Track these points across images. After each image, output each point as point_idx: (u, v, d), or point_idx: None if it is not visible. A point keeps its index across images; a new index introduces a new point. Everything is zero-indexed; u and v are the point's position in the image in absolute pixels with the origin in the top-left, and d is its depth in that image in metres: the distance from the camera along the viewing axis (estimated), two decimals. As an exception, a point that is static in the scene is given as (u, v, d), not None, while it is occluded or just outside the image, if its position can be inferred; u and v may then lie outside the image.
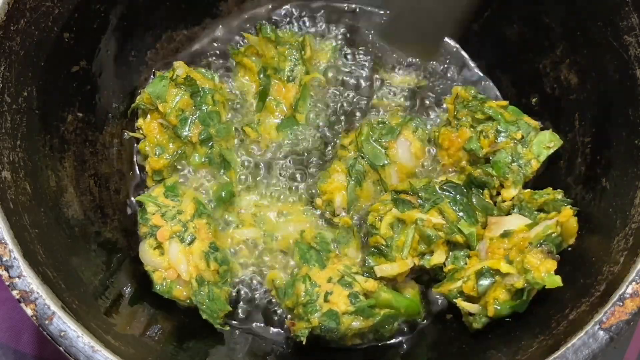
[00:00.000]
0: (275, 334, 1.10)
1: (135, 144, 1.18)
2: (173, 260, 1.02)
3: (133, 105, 1.13)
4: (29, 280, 0.79)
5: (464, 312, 0.98)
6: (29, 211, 0.88)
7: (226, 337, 1.07)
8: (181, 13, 1.20)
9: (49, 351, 1.17)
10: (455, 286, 0.98)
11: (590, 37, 1.00)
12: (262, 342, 1.08)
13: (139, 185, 1.17)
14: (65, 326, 0.78)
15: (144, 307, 1.02)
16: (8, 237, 0.81)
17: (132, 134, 1.17)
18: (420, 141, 1.12)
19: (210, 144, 1.11)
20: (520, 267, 0.92)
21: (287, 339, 1.09)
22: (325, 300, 0.98)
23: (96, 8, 1.04)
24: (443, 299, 1.07)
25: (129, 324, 0.95)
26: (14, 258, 0.80)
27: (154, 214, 1.05)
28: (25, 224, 0.86)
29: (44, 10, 0.94)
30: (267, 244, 1.11)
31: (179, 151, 1.11)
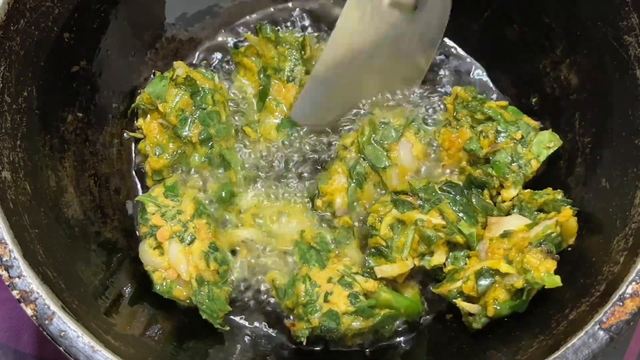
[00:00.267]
0: (275, 334, 1.09)
1: (135, 144, 1.18)
2: (173, 260, 1.02)
3: (133, 105, 1.13)
4: (29, 280, 0.79)
5: (463, 312, 0.98)
6: (29, 211, 0.88)
7: (226, 337, 1.07)
8: (181, 13, 1.20)
9: (49, 351, 1.17)
10: (455, 286, 0.98)
11: (590, 37, 1.00)
12: (262, 342, 1.08)
13: (139, 185, 1.17)
14: (65, 326, 0.78)
15: (144, 307, 1.02)
16: (8, 237, 0.81)
17: (132, 134, 1.17)
18: (422, 143, 1.12)
19: (210, 144, 1.11)
20: (520, 267, 0.92)
21: (287, 339, 1.09)
22: (325, 301, 0.98)
23: (96, 8, 1.04)
24: (443, 298, 1.07)
25: (129, 324, 0.95)
26: (14, 258, 0.80)
27: (154, 214, 1.05)
28: (25, 224, 0.86)
29: (44, 10, 0.94)
30: (267, 244, 1.11)
31: (179, 151, 1.11)
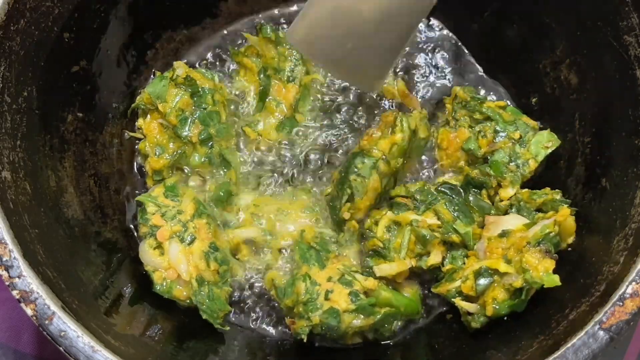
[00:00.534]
0: (275, 334, 1.09)
1: (135, 144, 1.18)
2: (173, 260, 1.02)
3: (133, 105, 1.13)
4: (29, 280, 0.79)
5: (462, 311, 0.99)
6: (29, 211, 0.88)
7: (226, 337, 1.07)
8: (181, 13, 1.20)
9: (49, 351, 1.17)
10: (453, 286, 0.98)
11: (590, 37, 1.00)
12: (262, 342, 1.08)
13: (139, 185, 1.17)
14: (65, 326, 0.78)
15: (144, 307, 1.02)
16: (8, 237, 0.81)
17: (132, 134, 1.17)
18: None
19: (210, 144, 1.11)
20: (519, 266, 0.93)
21: (287, 338, 1.09)
22: (326, 299, 0.98)
23: (96, 8, 1.04)
24: (443, 298, 1.07)
25: (129, 324, 0.95)
26: (14, 258, 0.80)
27: (154, 214, 1.05)
28: (25, 224, 0.86)
29: (44, 10, 0.94)
30: (266, 244, 1.11)
31: (179, 151, 1.11)
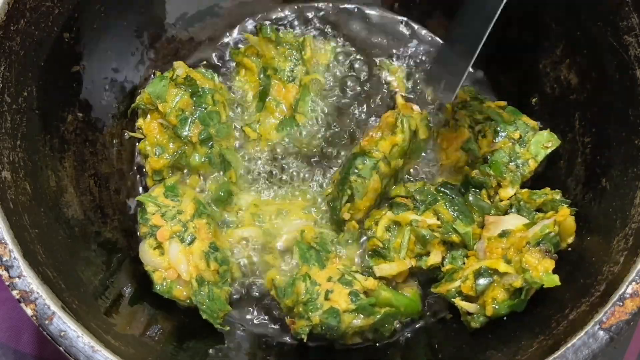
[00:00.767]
0: (275, 334, 1.09)
1: (135, 144, 1.18)
2: (173, 260, 1.02)
3: (133, 105, 1.13)
4: (29, 280, 0.79)
5: (462, 311, 0.99)
6: (29, 211, 0.88)
7: (226, 337, 1.07)
8: (181, 13, 1.20)
9: (49, 351, 1.17)
10: (453, 286, 0.98)
11: (590, 37, 1.00)
12: (262, 342, 1.08)
13: (139, 185, 1.17)
14: (65, 326, 0.78)
15: (144, 307, 1.02)
16: (8, 237, 0.81)
17: (132, 134, 1.17)
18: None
19: (210, 144, 1.11)
20: (519, 266, 0.93)
21: (287, 338, 1.09)
22: (326, 299, 0.98)
23: (96, 8, 1.04)
24: (443, 298, 1.07)
25: (129, 324, 0.95)
26: (14, 258, 0.80)
27: (154, 214, 1.05)
28: (25, 224, 0.86)
29: (44, 10, 0.94)
30: (266, 244, 1.11)
31: (179, 151, 1.11)
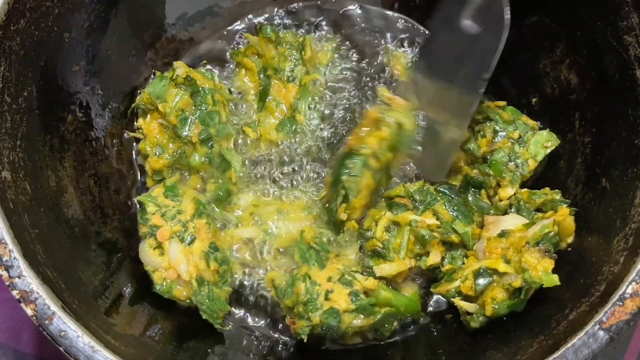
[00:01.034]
0: (275, 334, 1.09)
1: (135, 144, 1.18)
2: (173, 260, 1.02)
3: (133, 105, 1.13)
4: (29, 280, 0.79)
5: (462, 311, 0.99)
6: (29, 211, 0.88)
7: (226, 337, 1.07)
8: (181, 13, 1.20)
9: (49, 351, 1.17)
10: (453, 286, 0.98)
11: (590, 37, 1.00)
12: (262, 342, 1.08)
13: (139, 185, 1.17)
14: (65, 326, 0.78)
15: (144, 307, 1.02)
16: (8, 237, 0.81)
17: (132, 134, 1.17)
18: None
19: (210, 144, 1.11)
20: (518, 266, 0.93)
21: (287, 338, 1.09)
22: (326, 299, 0.98)
23: (96, 8, 1.04)
24: (442, 298, 1.07)
25: (129, 324, 0.95)
26: (14, 258, 0.80)
27: (154, 214, 1.05)
28: (25, 224, 0.86)
29: (44, 10, 0.94)
30: (266, 244, 1.11)
31: (179, 151, 1.11)
